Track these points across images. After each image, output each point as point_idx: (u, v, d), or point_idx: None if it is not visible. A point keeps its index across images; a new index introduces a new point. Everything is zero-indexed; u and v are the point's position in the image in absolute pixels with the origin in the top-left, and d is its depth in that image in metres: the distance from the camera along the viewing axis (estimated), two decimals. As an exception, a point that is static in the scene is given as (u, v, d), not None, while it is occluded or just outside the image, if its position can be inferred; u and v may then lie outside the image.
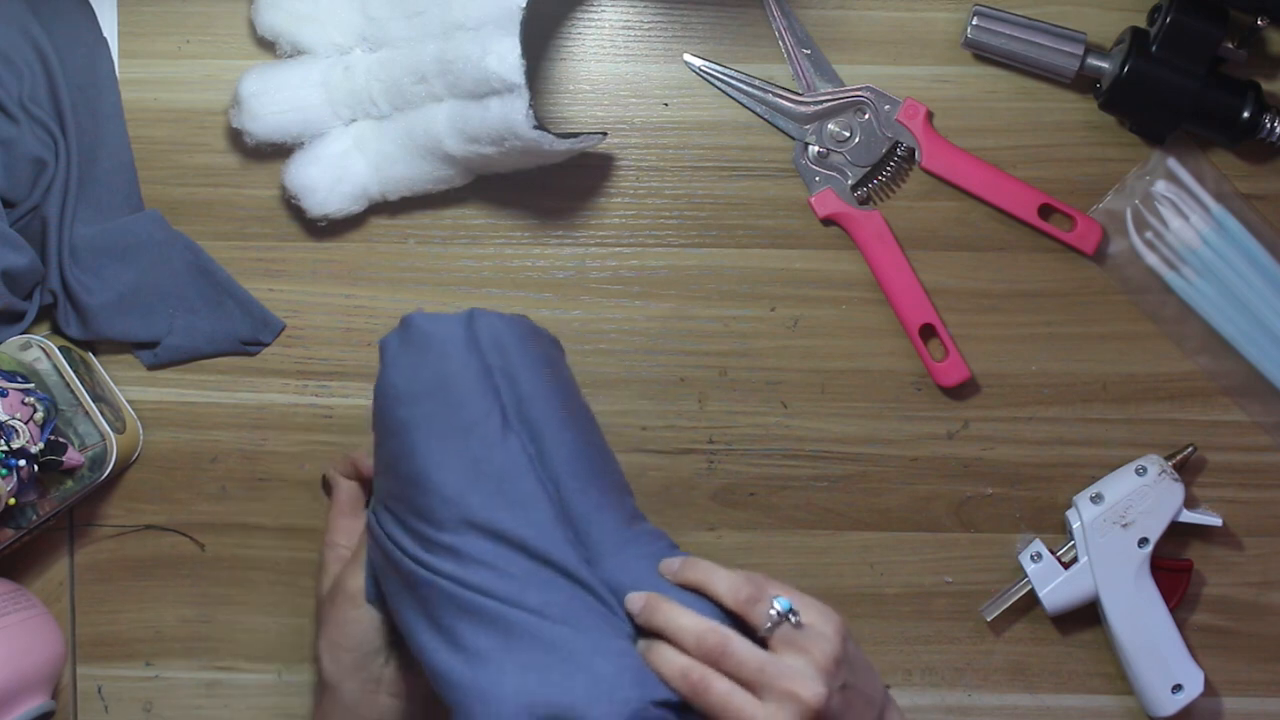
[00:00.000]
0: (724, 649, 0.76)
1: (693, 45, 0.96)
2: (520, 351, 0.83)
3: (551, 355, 0.86)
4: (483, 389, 0.81)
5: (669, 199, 0.97)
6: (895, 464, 0.98)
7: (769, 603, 0.78)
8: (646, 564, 0.81)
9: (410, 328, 0.83)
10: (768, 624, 0.77)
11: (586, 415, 0.86)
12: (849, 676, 0.77)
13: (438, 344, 0.81)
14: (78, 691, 0.99)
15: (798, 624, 0.77)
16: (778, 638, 0.77)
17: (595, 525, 0.81)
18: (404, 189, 0.95)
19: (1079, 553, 0.95)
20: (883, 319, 0.97)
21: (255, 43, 0.96)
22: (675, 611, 0.78)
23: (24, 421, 0.86)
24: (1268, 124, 0.91)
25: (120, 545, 0.98)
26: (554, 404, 0.82)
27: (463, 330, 0.82)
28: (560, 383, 0.85)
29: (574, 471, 0.81)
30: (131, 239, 0.95)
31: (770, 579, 0.80)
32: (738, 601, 0.78)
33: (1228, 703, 0.99)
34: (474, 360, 0.81)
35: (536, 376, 0.82)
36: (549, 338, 0.88)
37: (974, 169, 0.95)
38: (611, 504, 0.82)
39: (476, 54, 0.87)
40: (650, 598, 0.79)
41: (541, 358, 0.84)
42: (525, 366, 0.82)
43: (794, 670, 0.76)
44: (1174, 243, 0.95)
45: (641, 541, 0.82)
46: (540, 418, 0.81)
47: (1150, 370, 0.97)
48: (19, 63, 0.93)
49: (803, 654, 0.76)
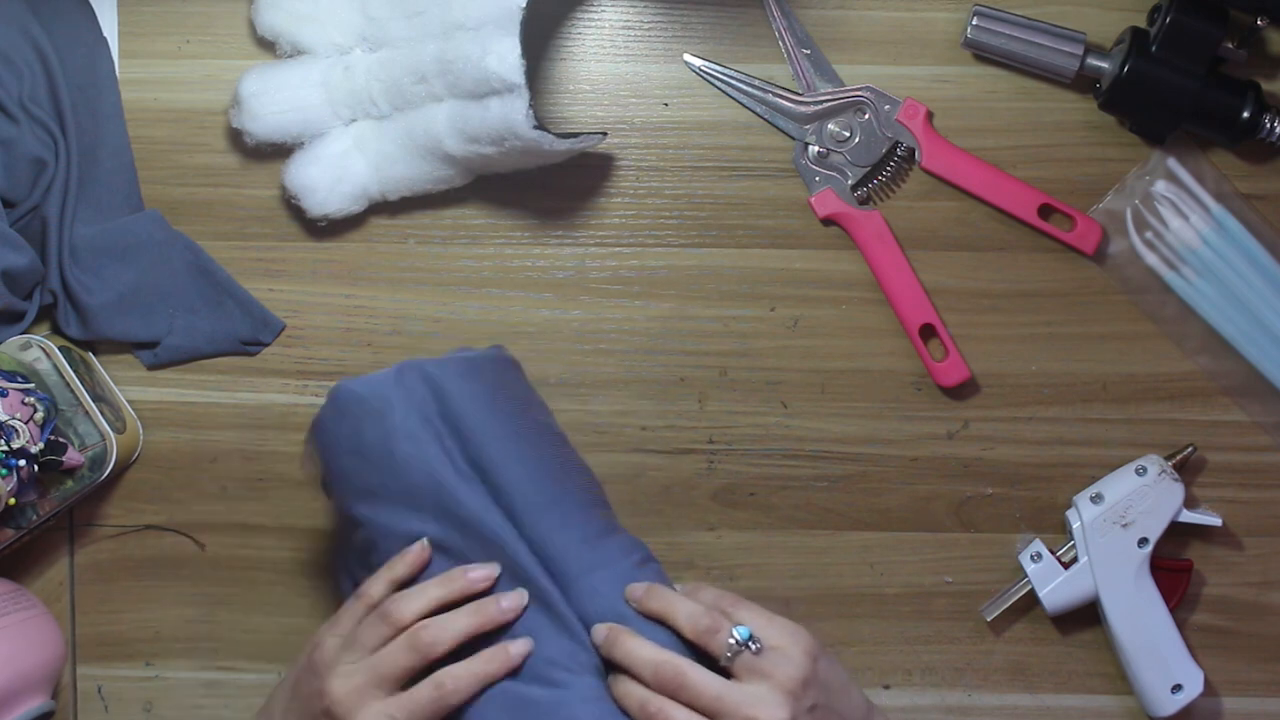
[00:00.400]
0: (680, 681, 0.77)
1: (693, 45, 0.96)
2: (459, 393, 0.84)
3: (498, 382, 0.86)
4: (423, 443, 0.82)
5: (669, 199, 0.97)
6: (895, 464, 0.98)
7: (728, 632, 0.78)
8: (614, 587, 0.82)
9: (339, 397, 0.84)
10: (728, 653, 0.78)
11: (541, 436, 0.86)
12: (820, 697, 0.78)
13: (371, 407, 0.83)
14: (78, 691, 0.99)
15: (758, 650, 0.78)
16: (739, 665, 0.78)
17: (558, 551, 0.82)
18: (404, 189, 0.95)
19: (1079, 553, 0.95)
20: (883, 319, 0.97)
21: (255, 43, 0.96)
22: (634, 644, 0.79)
23: (24, 421, 0.86)
24: (1268, 124, 0.91)
25: (120, 545, 0.98)
26: (501, 436, 0.83)
27: (393, 387, 0.83)
28: (507, 412, 0.85)
29: (529, 504, 0.82)
30: (131, 239, 0.95)
31: (741, 601, 0.81)
32: (696, 633, 0.79)
33: (1228, 703, 0.99)
34: (411, 415, 0.83)
35: (479, 413, 0.83)
36: (493, 363, 0.88)
37: (974, 169, 0.95)
38: (574, 525, 0.83)
39: (476, 54, 0.87)
40: (611, 630, 0.80)
41: (483, 391, 0.85)
42: (465, 406, 0.83)
43: (754, 696, 0.76)
44: (1174, 243, 0.95)
45: (611, 560, 0.83)
46: (487, 455, 0.83)
47: (1150, 370, 0.97)
48: (19, 63, 0.93)
49: (764, 679, 0.77)
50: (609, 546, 0.83)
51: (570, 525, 0.82)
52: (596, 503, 0.86)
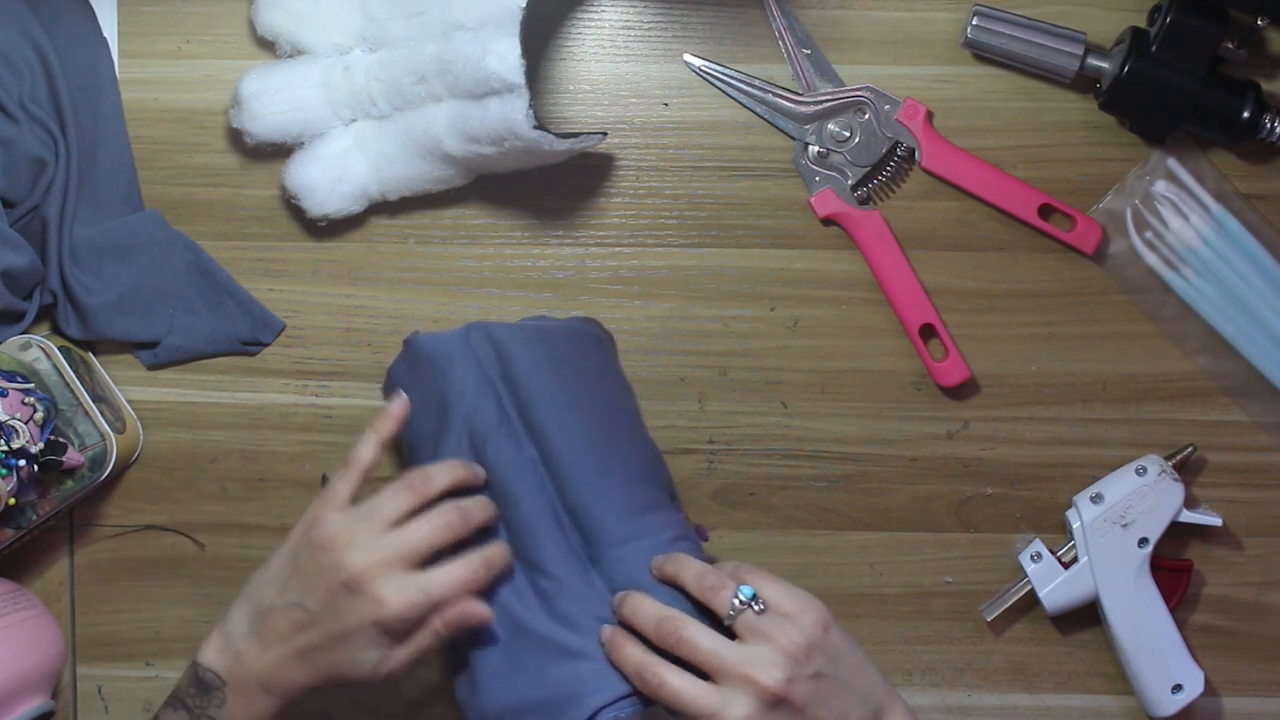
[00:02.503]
0: (679, 635, 0.78)
1: (693, 45, 0.96)
2: (521, 357, 0.87)
3: (567, 353, 0.89)
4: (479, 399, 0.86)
5: (669, 199, 0.97)
6: (895, 464, 0.98)
7: (732, 590, 0.79)
8: (641, 559, 0.84)
9: (410, 349, 0.89)
10: (730, 611, 0.79)
11: (601, 410, 0.88)
12: (826, 666, 0.78)
13: (437, 361, 0.87)
14: (78, 691, 0.99)
15: (761, 611, 0.79)
16: (741, 624, 0.79)
17: (594, 520, 0.84)
18: (404, 189, 0.95)
19: (1079, 553, 0.95)
20: (883, 319, 0.97)
21: (255, 43, 0.96)
22: (640, 601, 0.81)
23: (24, 421, 0.86)
24: (1268, 124, 0.91)
25: (120, 545, 0.98)
26: (557, 404, 0.86)
27: (459, 345, 0.87)
28: (569, 382, 0.87)
29: (574, 470, 0.85)
30: (131, 239, 0.95)
31: (759, 570, 0.81)
32: (701, 589, 0.80)
33: (1228, 703, 0.99)
34: (472, 372, 0.86)
35: (538, 379, 0.86)
36: (566, 334, 0.90)
37: (974, 169, 0.95)
38: (614, 496, 0.85)
39: (476, 54, 0.87)
40: (624, 594, 0.82)
41: (545, 359, 0.87)
42: (526, 370, 0.86)
43: (754, 656, 0.77)
44: (1174, 243, 0.95)
45: (643, 534, 0.84)
46: (540, 419, 0.86)
47: (1150, 370, 0.97)
48: (19, 63, 0.93)
49: (767, 640, 0.78)
50: (646, 521, 0.85)
51: (610, 496, 0.85)
52: (647, 478, 0.88)
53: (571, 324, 0.92)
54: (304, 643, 0.81)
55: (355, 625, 0.79)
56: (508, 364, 0.86)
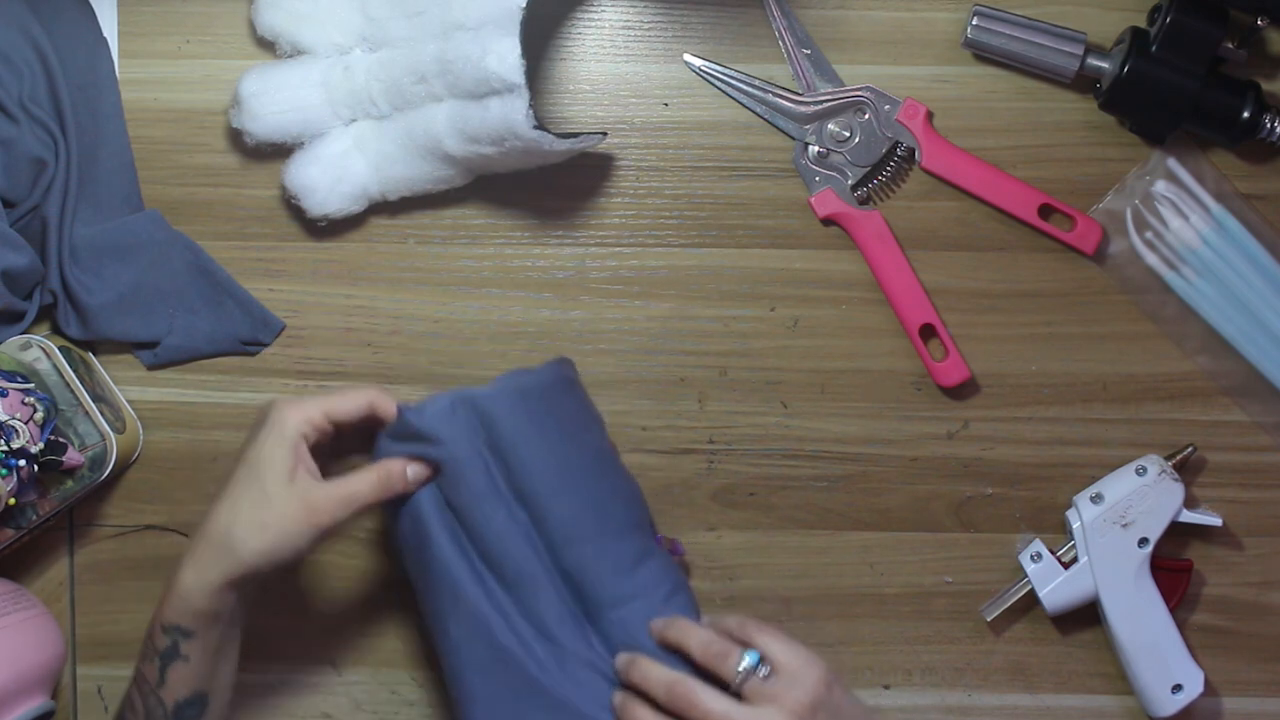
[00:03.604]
0: (690, 699, 0.81)
1: (693, 45, 0.96)
2: (508, 427, 0.86)
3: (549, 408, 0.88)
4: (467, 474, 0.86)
5: (669, 199, 0.97)
6: (895, 464, 0.98)
7: (737, 657, 0.82)
8: (640, 620, 0.85)
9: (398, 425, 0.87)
10: (737, 678, 0.81)
11: (588, 463, 0.88)
12: None
13: (425, 438, 0.86)
14: (78, 691, 0.99)
15: (767, 675, 0.81)
16: (749, 689, 0.81)
17: (590, 582, 0.85)
18: (404, 189, 0.95)
19: (1079, 553, 0.95)
20: (883, 319, 0.97)
21: (255, 43, 0.96)
22: (649, 666, 0.83)
23: (24, 421, 0.86)
24: (1268, 124, 0.91)
25: (120, 545, 0.98)
26: (545, 469, 0.86)
27: (446, 421, 0.86)
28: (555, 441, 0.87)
29: (567, 536, 0.86)
30: (131, 239, 0.95)
31: (763, 627, 0.84)
32: (706, 657, 0.82)
33: (1228, 703, 0.99)
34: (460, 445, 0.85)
35: (525, 446, 0.86)
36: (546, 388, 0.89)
37: (974, 169, 0.95)
38: (608, 555, 0.86)
39: (476, 54, 0.87)
40: (631, 657, 0.84)
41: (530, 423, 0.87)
42: (513, 439, 0.86)
43: (761, 717, 0.80)
44: (1174, 243, 0.95)
45: (641, 591, 0.86)
46: (530, 487, 0.86)
47: (1150, 370, 0.97)
48: (19, 63, 0.93)
49: (773, 702, 0.80)
50: (641, 576, 0.86)
51: (604, 556, 0.86)
52: (634, 526, 0.89)
53: (546, 375, 0.90)
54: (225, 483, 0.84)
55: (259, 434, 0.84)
56: (494, 432, 0.86)
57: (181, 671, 0.83)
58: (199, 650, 0.83)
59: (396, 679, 0.99)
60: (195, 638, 0.83)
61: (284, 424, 0.83)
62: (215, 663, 0.85)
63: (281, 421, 0.83)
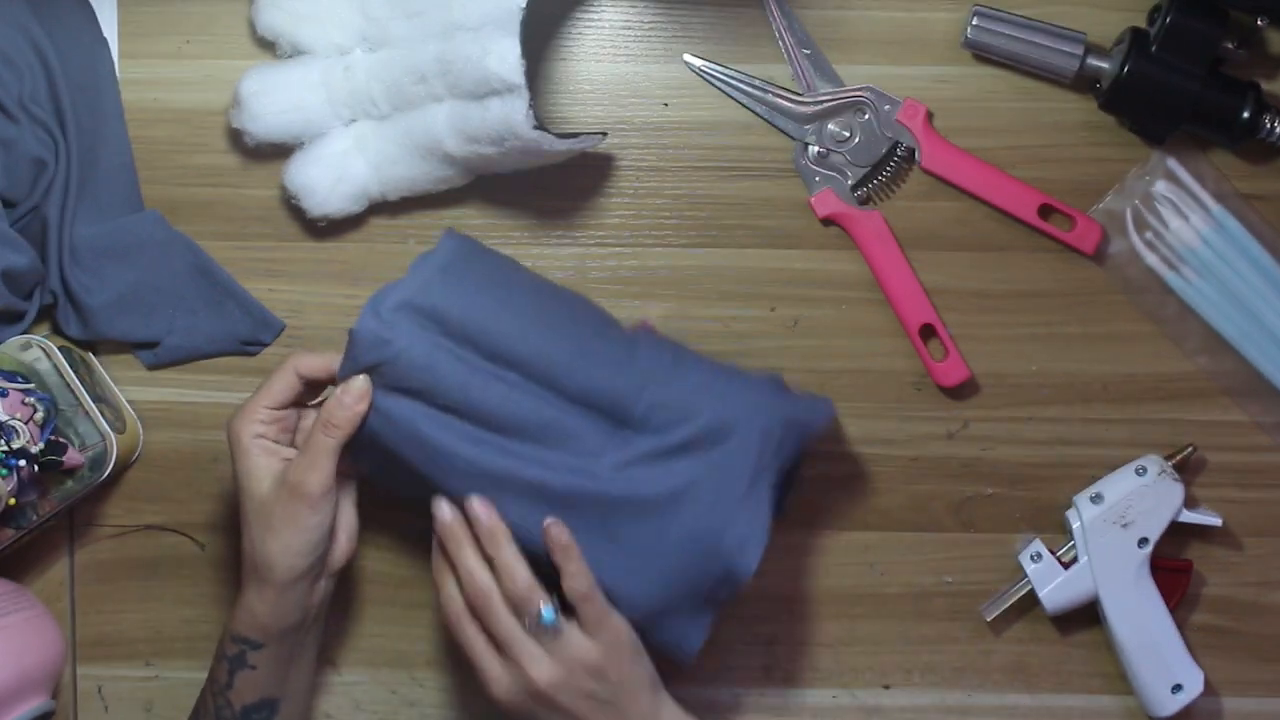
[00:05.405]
0: (487, 608, 0.84)
1: (693, 45, 0.96)
2: (448, 305, 0.85)
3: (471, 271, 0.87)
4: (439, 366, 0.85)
5: (669, 199, 0.97)
6: (895, 464, 0.98)
7: (538, 606, 0.83)
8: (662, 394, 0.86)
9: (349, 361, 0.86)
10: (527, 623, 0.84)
11: (531, 298, 0.88)
12: (606, 694, 0.84)
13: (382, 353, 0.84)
14: (78, 691, 0.99)
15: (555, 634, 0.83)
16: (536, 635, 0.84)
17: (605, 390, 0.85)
18: (404, 189, 0.95)
19: (1079, 553, 0.95)
20: (883, 319, 0.97)
21: (255, 43, 0.96)
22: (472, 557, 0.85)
23: (24, 421, 0.86)
24: (1268, 124, 0.91)
25: (120, 545, 0.98)
26: (505, 319, 0.86)
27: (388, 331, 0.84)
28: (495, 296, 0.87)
29: (558, 364, 0.85)
30: (131, 239, 0.95)
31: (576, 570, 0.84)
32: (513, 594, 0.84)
33: (1228, 703, 0.99)
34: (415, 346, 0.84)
35: (474, 313, 0.85)
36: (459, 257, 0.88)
37: (974, 169, 0.95)
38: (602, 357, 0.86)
39: (476, 54, 0.87)
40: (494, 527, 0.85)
41: (464, 291, 0.86)
42: (460, 314, 0.85)
43: (534, 653, 0.83)
44: (1174, 243, 0.95)
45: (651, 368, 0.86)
46: (501, 346, 0.85)
47: (1150, 370, 0.97)
48: (19, 63, 0.93)
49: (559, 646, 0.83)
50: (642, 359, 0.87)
51: (599, 362, 0.86)
52: (605, 323, 0.90)
53: (450, 244, 0.88)
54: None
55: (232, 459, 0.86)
56: (443, 321, 0.85)
57: (249, 678, 0.88)
58: (267, 660, 0.87)
59: (396, 679, 0.99)
60: (264, 650, 0.87)
61: (238, 437, 0.85)
62: (285, 671, 0.89)
63: (235, 437, 0.86)
